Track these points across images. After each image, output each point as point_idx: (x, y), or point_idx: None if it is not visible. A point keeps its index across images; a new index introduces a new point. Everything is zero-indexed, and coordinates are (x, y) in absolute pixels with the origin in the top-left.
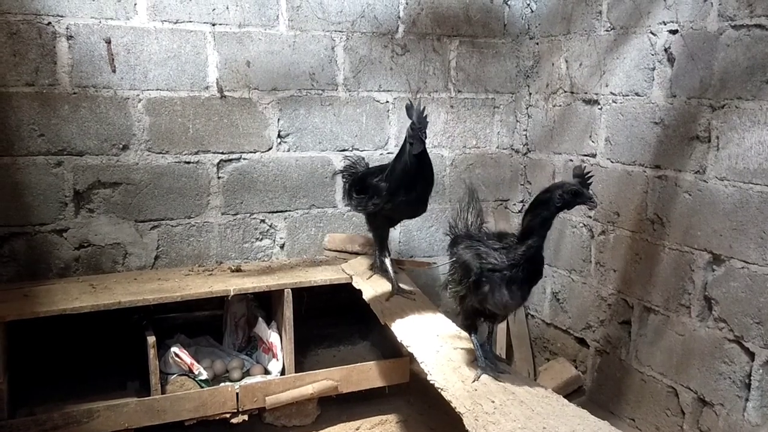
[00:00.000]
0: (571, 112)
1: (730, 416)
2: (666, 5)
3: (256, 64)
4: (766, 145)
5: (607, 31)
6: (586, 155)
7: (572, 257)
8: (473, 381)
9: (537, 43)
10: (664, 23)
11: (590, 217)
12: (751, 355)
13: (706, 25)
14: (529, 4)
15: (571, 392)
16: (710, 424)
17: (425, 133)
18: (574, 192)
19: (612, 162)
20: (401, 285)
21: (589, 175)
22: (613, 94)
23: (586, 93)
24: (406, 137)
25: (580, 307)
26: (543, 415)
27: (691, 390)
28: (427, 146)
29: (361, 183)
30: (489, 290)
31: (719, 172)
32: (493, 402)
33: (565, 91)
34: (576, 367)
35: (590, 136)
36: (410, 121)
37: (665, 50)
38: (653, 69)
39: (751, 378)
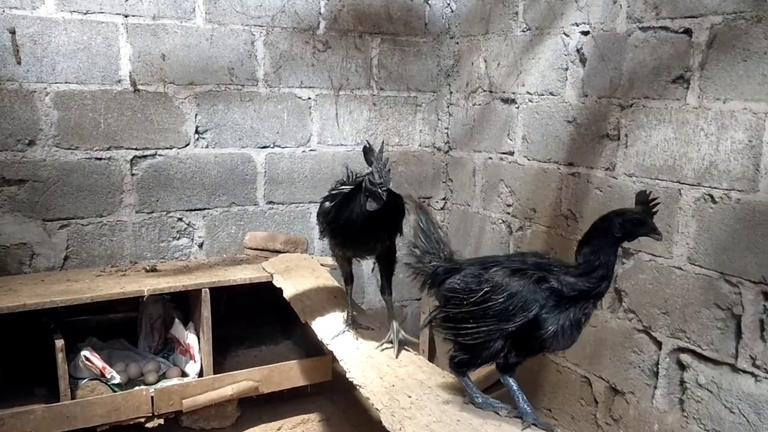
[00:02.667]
0: (490, 111)
1: (640, 404)
2: (578, 7)
3: (171, 57)
4: (670, 142)
5: (523, 31)
6: (504, 153)
7: (492, 252)
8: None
9: (457, 43)
10: (577, 24)
11: (508, 213)
12: (659, 344)
13: (616, 26)
14: (449, 4)
15: (492, 384)
16: (621, 412)
17: (385, 191)
18: (637, 221)
19: (529, 160)
20: (356, 319)
21: (655, 202)
22: (530, 93)
23: (504, 92)
24: (361, 184)
25: None
26: (458, 407)
27: (603, 379)
28: (350, 144)
29: (321, 209)
30: (554, 327)
31: (628, 168)
32: (410, 397)
33: (484, 90)
34: None
35: (508, 135)
36: (369, 170)
37: (577, 51)
38: (566, 69)
39: (659, 366)
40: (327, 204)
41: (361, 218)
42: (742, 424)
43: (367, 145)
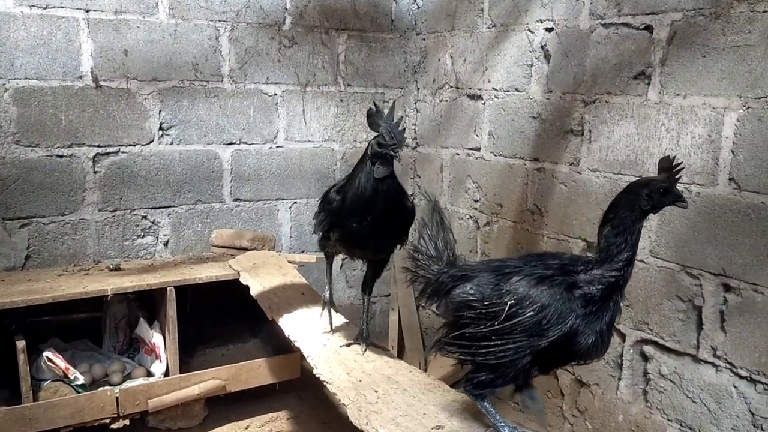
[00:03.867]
0: (457, 107)
1: (605, 395)
2: (542, 3)
3: (134, 53)
4: (632, 137)
5: (488, 28)
6: (471, 149)
7: (460, 248)
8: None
9: (424, 39)
10: (541, 21)
11: (475, 209)
12: (623, 337)
13: (579, 23)
14: (415, 1)
15: (460, 379)
16: (587, 403)
17: (398, 152)
18: (664, 190)
19: (495, 155)
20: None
21: (679, 167)
22: (495, 89)
23: (470, 88)
24: (366, 152)
25: None
26: (424, 401)
27: (569, 372)
28: (317, 141)
29: (325, 197)
30: (593, 336)
31: (591, 163)
32: (376, 392)
33: (451, 87)
34: None
35: (475, 131)
36: (376, 134)
37: (542, 47)
38: (531, 65)
39: (623, 358)
40: (333, 193)
41: (370, 190)
42: (704, 413)
43: (373, 108)
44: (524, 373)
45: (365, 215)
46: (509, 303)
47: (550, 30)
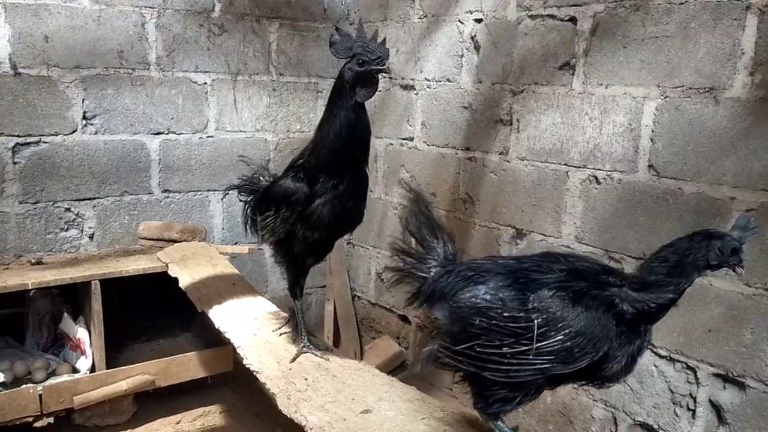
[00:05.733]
0: (391, 98)
1: None
2: None
3: (55, 39)
4: (558, 126)
5: (420, 18)
6: (404, 139)
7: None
8: (291, 361)
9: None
10: (471, 12)
11: None
12: None
13: (507, 14)
14: None
15: (395, 368)
16: None
17: (386, 65)
18: (734, 250)
19: (428, 145)
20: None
21: (755, 230)
22: (428, 80)
23: (403, 79)
24: (342, 81)
25: None
26: (353, 386)
27: None
28: (250, 131)
29: (265, 194)
30: (622, 361)
31: (520, 152)
32: (306, 379)
33: (384, 77)
34: (399, 344)
35: (408, 121)
36: (350, 57)
37: (472, 38)
38: (462, 56)
39: None
40: (289, 182)
41: (363, 125)
42: (627, 393)
43: (336, 34)
44: (539, 391)
45: (348, 164)
46: (537, 322)
47: (479, 21)
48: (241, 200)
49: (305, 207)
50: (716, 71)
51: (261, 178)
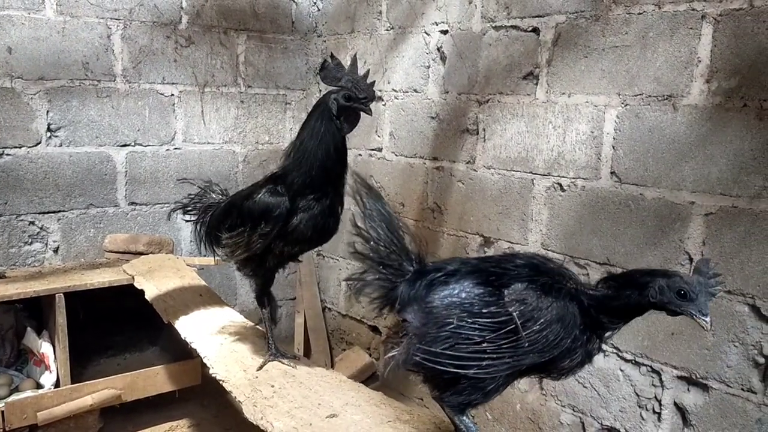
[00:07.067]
0: None
1: None
2: (437, 6)
3: (19, 50)
4: (523, 135)
5: (387, 30)
6: (373, 149)
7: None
8: (258, 369)
9: (324, 41)
10: (437, 24)
11: None
12: None
13: (472, 25)
14: (315, 3)
15: (367, 378)
16: None
17: (370, 106)
18: (681, 293)
19: (396, 155)
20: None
21: (717, 278)
22: (395, 90)
23: None
24: (326, 110)
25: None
26: (320, 392)
27: None
28: (218, 142)
29: (234, 209)
30: (582, 355)
31: (486, 161)
32: (272, 386)
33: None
34: (370, 355)
35: (376, 131)
36: (337, 88)
37: (438, 49)
38: (428, 67)
39: None
40: (266, 196)
41: (340, 150)
42: (594, 398)
43: (329, 60)
44: (507, 384)
45: (336, 181)
46: (516, 314)
47: (445, 32)
48: (187, 221)
49: (285, 222)
50: (674, 79)
51: (211, 193)
